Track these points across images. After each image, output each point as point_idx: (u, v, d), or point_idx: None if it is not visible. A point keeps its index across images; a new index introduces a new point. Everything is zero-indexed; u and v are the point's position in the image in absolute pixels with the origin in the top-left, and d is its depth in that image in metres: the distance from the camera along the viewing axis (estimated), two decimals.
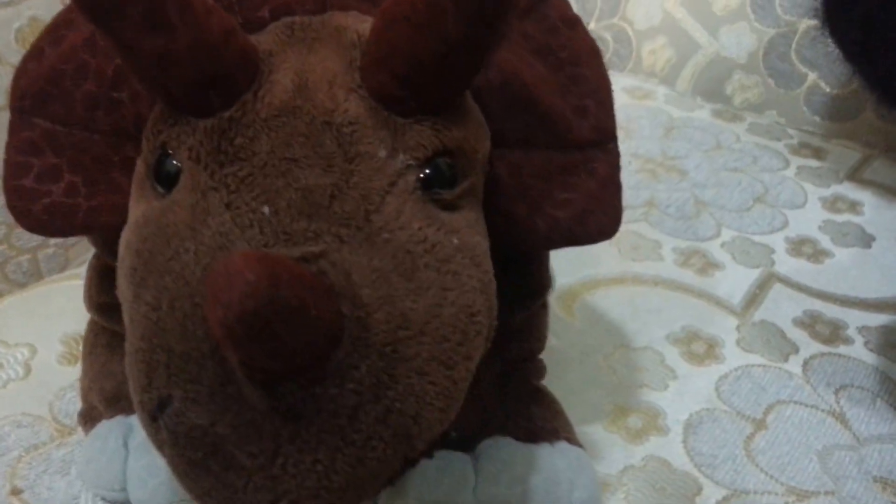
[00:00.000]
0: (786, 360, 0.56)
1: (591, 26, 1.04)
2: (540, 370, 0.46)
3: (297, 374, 0.25)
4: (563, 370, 0.54)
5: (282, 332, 0.23)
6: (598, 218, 0.38)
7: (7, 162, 0.36)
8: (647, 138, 0.84)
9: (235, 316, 0.23)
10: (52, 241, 0.71)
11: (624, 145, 0.81)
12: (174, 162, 0.30)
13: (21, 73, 0.36)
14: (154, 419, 0.28)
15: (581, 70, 0.38)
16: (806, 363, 0.56)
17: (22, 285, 0.69)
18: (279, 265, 0.23)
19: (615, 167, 0.38)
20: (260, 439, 0.26)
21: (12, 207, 0.36)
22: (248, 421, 0.26)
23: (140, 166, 0.33)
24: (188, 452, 0.27)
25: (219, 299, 0.23)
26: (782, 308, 0.61)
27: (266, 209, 0.28)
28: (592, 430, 0.49)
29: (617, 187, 0.38)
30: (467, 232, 0.31)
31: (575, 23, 0.39)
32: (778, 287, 0.63)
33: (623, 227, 0.68)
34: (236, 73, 0.30)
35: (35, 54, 0.37)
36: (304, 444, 0.26)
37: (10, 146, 0.36)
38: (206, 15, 0.28)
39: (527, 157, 0.37)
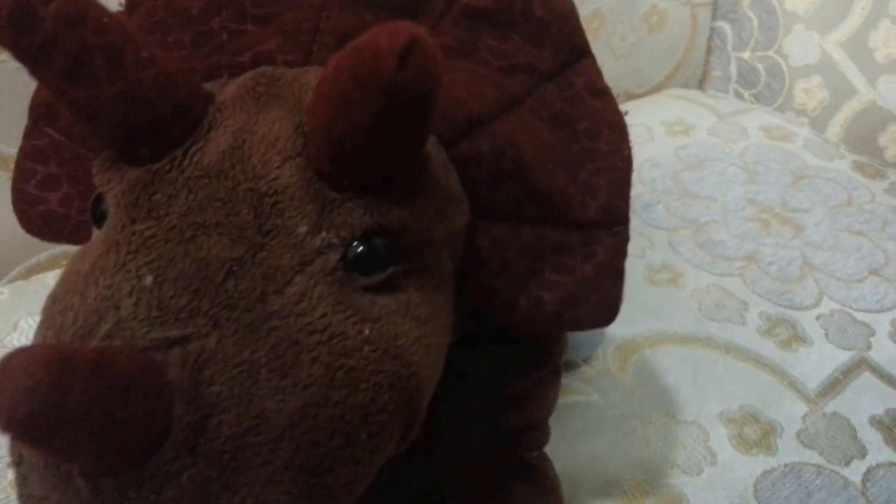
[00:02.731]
0: (847, 463, 0.48)
1: (746, 56, 0.94)
2: (537, 440, 0.41)
3: (109, 473, 0.22)
4: (594, 431, 0.48)
5: (65, 440, 0.20)
6: (589, 306, 0.33)
7: (17, 165, 0.36)
8: (772, 184, 0.75)
9: (5, 422, 0.20)
10: None
11: (743, 188, 0.73)
12: (102, 207, 0.28)
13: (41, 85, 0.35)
14: (15, 469, 0.26)
15: (598, 145, 0.33)
16: (869, 472, 0.47)
17: None
18: (74, 367, 0.20)
19: (619, 253, 0.33)
20: None
21: (15, 208, 0.36)
22: None
23: None
24: None
25: None
26: (863, 402, 0.52)
27: (149, 279, 0.25)
28: None
29: (617, 275, 0.33)
30: (392, 320, 0.27)
31: (602, 93, 0.34)
32: (866, 376, 0.54)
33: (712, 280, 0.62)
34: (169, 126, 0.27)
35: None
36: None
37: (22, 151, 0.36)
38: (138, 68, 0.25)
39: (513, 232, 0.32)
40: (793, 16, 0.88)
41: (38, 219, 0.35)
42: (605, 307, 0.33)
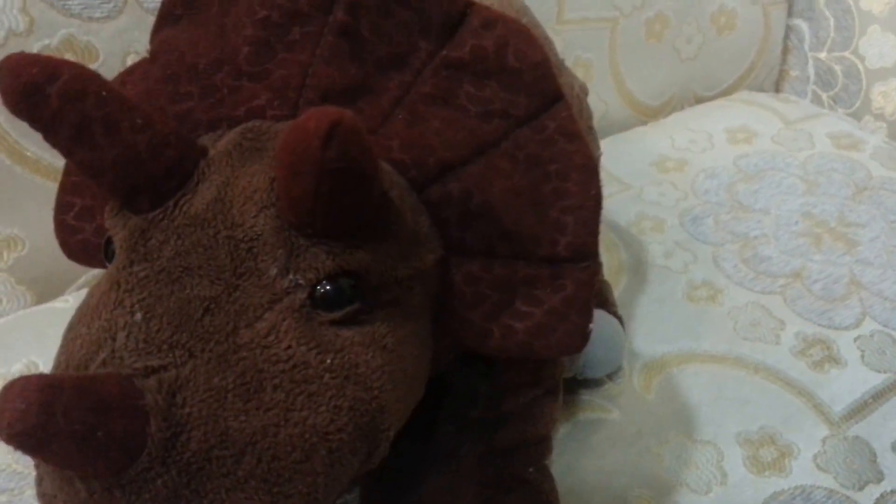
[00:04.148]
0: (861, 488, 0.51)
1: (823, 56, 0.95)
2: (533, 456, 0.45)
3: (97, 478, 0.28)
4: (609, 447, 0.53)
5: (57, 451, 0.26)
6: (558, 336, 0.37)
7: (58, 198, 0.43)
8: (831, 196, 0.77)
9: (6, 437, 0.26)
10: None
11: (800, 200, 0.76)
12: (112, 248, 0.34)
13: None
14: (35, 471, 0.32)
15: (567, 185, 0.37)
16: (883, 497, 0.50)
17: None
18: (60, 392, 0.26)
19: (587, 286, 0.37)
20: None
21: (57, 236, 0.42)
22: (74, 502, 0.29)
23: None
24: None
25: None
26: (889, 426, 0.55)
27: (139, 315, 0.31)
28: None
29: (584, 307, 0.37)
30: (355, 350, 0.32)
31: (574, 136, 0.37)
32: None
33: (751, 298, 0.65)
34: (162, 182, 0.32)
35: None
36: None
37: (62, 185, 0.43)
38: (133, 133, 0.31)
39: (486, 267, 0.37)
40: (868, 15, 0.89)
41: (77, 247, 0.42)
42: (573, 336, 0.37)
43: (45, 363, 0.58)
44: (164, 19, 0.40)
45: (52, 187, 0.64)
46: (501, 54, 0.37)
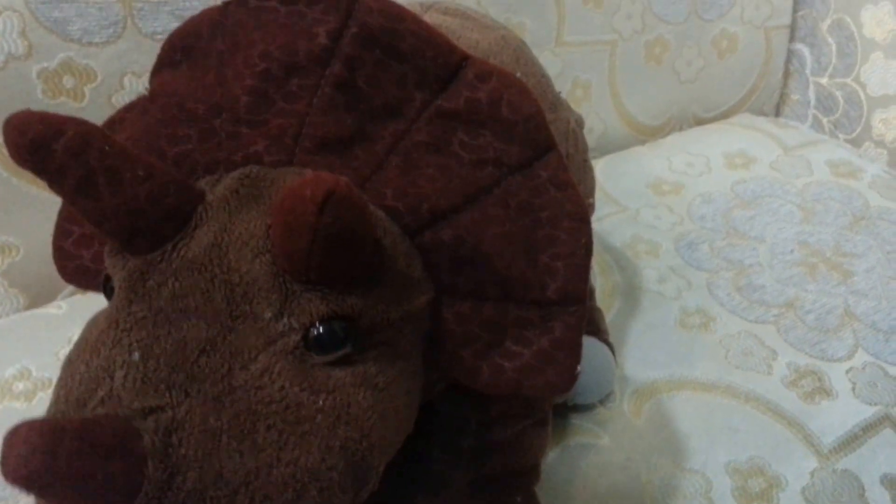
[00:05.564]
0: None
1: (824, 81, 0.97)
2: (522, 484, 0.47)
3: None
4: (598, 473, 0.54)
5: (59, 493, 0.28)
6: (546, 376, 0.39)
7: (57, 225, 0.44)
8: (828, 226, 0.78)
9: (11, 480, 0.28)
10: None
11: (796, 228, 0.78)
12: (111, 285, 0.36)
13: None
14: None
15: (557, 233, 0.39)
16: None
17: None
18: (62, 436, 0.28)
19: (575, 330, 0.39)
20: None
21: (55, 261, 0.44)
22: None
23: None
24: None
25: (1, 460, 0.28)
26: (878, 460, 0.56)
27: (136, 355, 0.32)
28: None
29: (572, 349, 0.39)
30: (346, 391, 0.34)
31: (565, 185, 0.39)
32: (887, 434, 0.58)
33: (744, 327, 0.67)
34: (161, 227, 0.34)
35: None
36: None
37: (61, 213, 0.44)
38: (134, 183, 0.33)
39: (476, 308, 0.39)
40: (871, 43, 0.91)
41: (74, 271, 0.44)
42: (561, 377, 0.39)
43: (37, 368, 0.60)
44: (164, 63, 0.42)
45: (46, 197, 0.66)
46: (495, 106, 0.39)
